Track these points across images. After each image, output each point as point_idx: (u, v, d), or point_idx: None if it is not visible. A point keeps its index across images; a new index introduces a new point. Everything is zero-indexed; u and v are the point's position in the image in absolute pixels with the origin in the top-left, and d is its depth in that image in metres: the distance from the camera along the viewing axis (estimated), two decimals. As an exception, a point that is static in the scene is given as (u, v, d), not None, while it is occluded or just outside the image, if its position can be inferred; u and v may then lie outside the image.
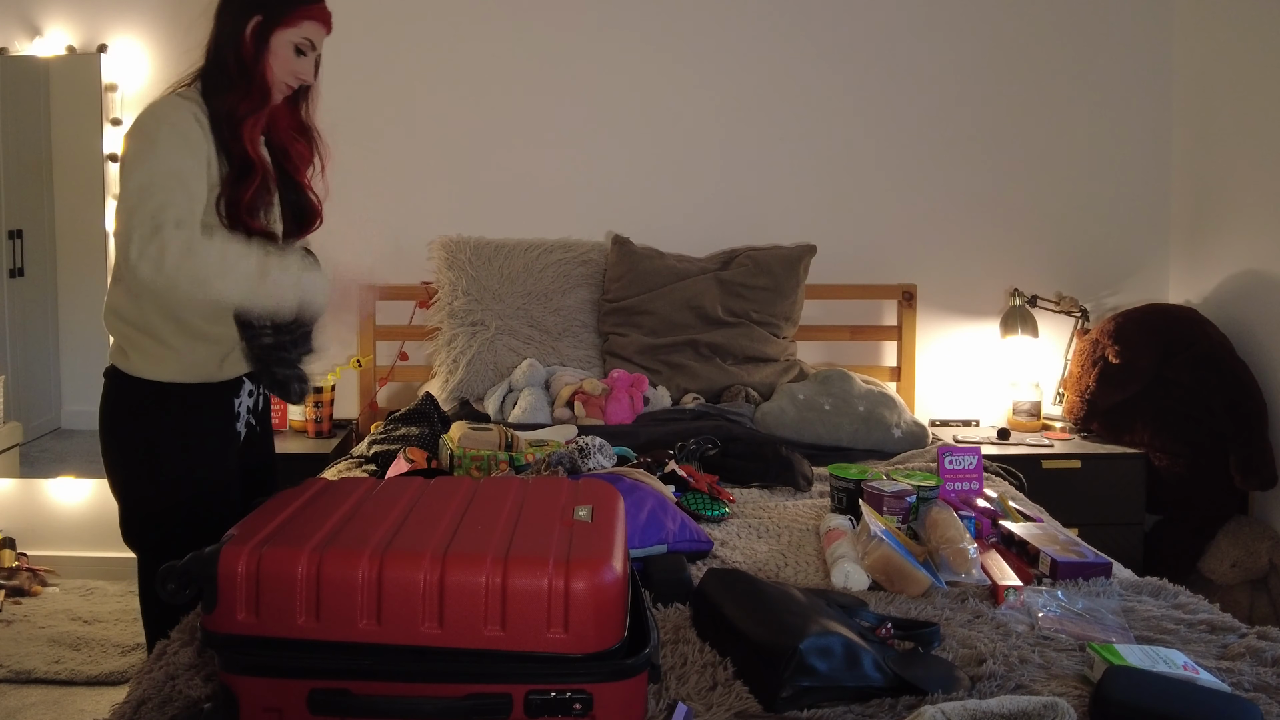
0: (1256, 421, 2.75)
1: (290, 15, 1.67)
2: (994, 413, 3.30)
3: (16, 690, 2.56)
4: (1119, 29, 3.23)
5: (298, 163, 1.82)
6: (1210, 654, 1.33)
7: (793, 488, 2.23)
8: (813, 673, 1.14)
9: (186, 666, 1.24)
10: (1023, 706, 1.04)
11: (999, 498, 1.94)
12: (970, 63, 3.25)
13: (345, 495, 1.28)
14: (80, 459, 3.36)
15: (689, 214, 3.29)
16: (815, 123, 3.27)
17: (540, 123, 3.26)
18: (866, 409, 2.71)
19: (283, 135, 1.78)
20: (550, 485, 1.35)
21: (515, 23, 3.23)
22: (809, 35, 3.25)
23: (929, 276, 3.29)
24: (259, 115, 1.67)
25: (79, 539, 3.36)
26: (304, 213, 1.84)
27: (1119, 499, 2.83)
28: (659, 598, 1.49)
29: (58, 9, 3.23)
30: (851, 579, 1.57)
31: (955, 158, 3.28)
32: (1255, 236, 2.89)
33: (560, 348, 3.08)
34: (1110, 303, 3.29)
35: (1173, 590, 1.57)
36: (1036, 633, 1.39)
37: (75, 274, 3.36)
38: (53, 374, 3.40)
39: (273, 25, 1.66)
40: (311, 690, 1.03)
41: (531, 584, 1.04)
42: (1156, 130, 3.26)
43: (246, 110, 1.64)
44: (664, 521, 1.69)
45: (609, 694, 1.04)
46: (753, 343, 3.00)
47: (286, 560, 1.05)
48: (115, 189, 3.24)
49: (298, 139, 1.81)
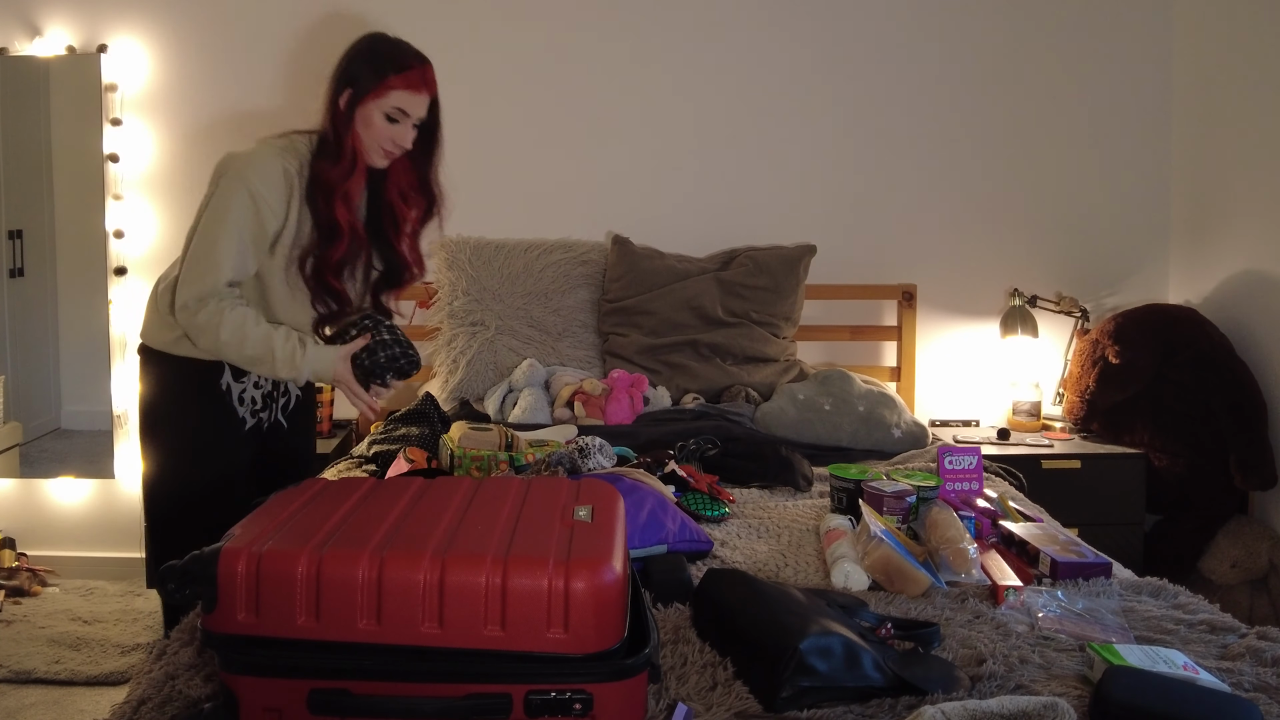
0: (1256, 421, 2.75)
1: (377, 87, 1.72)
2: (994, 413, 3.30)
3: (16, 690, 2.56)
4: (1119, 29, 3.23)
5: (399, 221, 1.87)
6: (1210, 654, 1.33)
7: (793, 488, 2.23)
8: (813, 673, 1.14)
9: (186, 666, 1.24)
10: (1023, 707, 1.04)
11: (999, 498, 1.94)
12: (970, 63, 3.25)
13: (345, 495, 1.28)
14: (80, 459, 3.36)
15: (689, 214, 3.29)
16: (815, 123, 3.27)
17: (540, 123, 3.26)
18: (866, 409, 2.71)
19: (391, 192, 1.85)
20: (550, 485, 1.35)
21: (515, 23, 3.24)
22: (809, 35, 3.25)
23: (929, 276, 3.29)
24: (350, 183, 1.74)
25: (79, 539, 3.36)
26: (395, 272, 1.92)
27: (1119, 499, 2.83)
28: (659, 598, 1.49)
29: (58, 9, 3.23)
30: (851, 579, 1.57)
31: (955, 158, 3.28)
32: (1255, 236, 2.89)
33: (560, 348, 3.08)
34: (1110, 303, 3.29)
35: (1173, 590, 1.57)
36: (1036, 633, 1.39)
37: (75, 274, 3.36)
38: (53, 374, 3.40)
39: (361, 96, 1.73)
40: (311, 690, 1.03)
41: (531, 584, 1.04)
42: (1156, 130, 3.26)
43: (337, 178, 1.73)
44: (664, 521, 1.69)
45: (609, 694, 1.04)
46: (753, 343, 3.00)
47: (286, 560, 1.05)
48: (115, 189, 3.25)
49: (408, 195, 1.86)
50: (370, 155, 1.77)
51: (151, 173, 3.28)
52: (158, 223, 3.29)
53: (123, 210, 3.26)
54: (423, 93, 1.76)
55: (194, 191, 3.24)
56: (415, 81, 1.75)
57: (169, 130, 3.27)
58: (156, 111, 3.26)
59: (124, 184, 3.26)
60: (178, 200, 3.28)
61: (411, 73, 1.74)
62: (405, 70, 1.74)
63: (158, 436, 1.84)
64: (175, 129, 3.27)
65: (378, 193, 1.86)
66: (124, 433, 3.29)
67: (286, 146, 1.76)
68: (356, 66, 1.74)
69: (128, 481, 3.31)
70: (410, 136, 1.78)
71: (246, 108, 3.25)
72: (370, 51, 1.76)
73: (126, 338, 3.27)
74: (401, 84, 1.73)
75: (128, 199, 3.26)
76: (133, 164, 3.26)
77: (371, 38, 1.79)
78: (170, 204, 3.28)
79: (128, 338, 3.27)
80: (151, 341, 1.85)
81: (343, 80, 1.74)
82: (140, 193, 3.28)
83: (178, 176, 3.28)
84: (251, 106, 3.25)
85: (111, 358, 3.26)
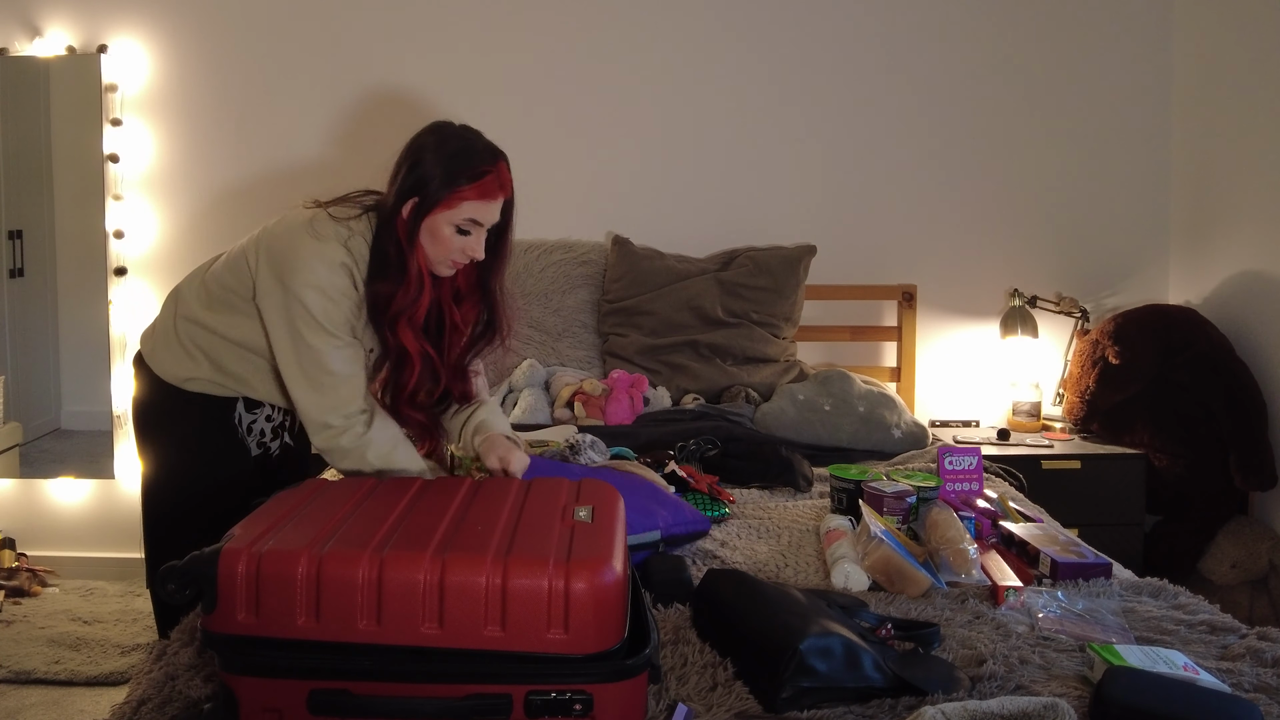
0: (1256, 422, 2.75)
1: (447, 198, 1.52)
2: (994, 413, 3.30)
3: (16, 691, 2.56)
4: (1119, 29, 3.23)
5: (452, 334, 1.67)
6: (1210, 654, 1.33)
7: (793, 488, 2.23)
8: (813, 673, 1.14)
9: (186, 667, 1.24)
10: (1023, 707, 1.04)
11: (999, 498, 1.94)
12: (970, 63, 3.25)
13: (345, 496, 1.27)
14: (80, 459, 3.36)
15: (689, 214, 3.29)
16: (815, 123, 3.27)
17: (540, 123, 3.26)
18: (866, 409, 2.71)
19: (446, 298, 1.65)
20: (550, 486, 1.35)
21: (515, 24, 3.23)
22: (809, 35, 3.25)
23: (929, 277, 3.29)
24: (417, 307, 1.57)
25: (79, 539, 3.36)
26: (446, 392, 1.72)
27: (1119, 499, 2.83)
28: (659, 598, 1.49)
29: (58, 9, 3.23)
30: (852, 579, 1.57)
31: (955, 158, 3.28)
32: (1255, 237, 2.89)
33: (560, 348, 3.08)
34: (1110, 303, 3.29)
35: (1173, 591, 1.57)
36: (1037, 633, 1.39)
37: (75, 274, 3.36)
38: (52, 374, 3.40)
39: (426, 210, 1.53)
40: (311, 690, 1.03)
41: (531, 584, 1.04)
42: (1156, 130, 3.25)
43: (403, 303, 1.55)
44: (655, 509, 1.69)
45: (609, 694, 1.04)
46: (753, 343, 3.00)
47: (286, 560, 1.05)
48: (115, 189, 3.24)
49: (462, 299, 1.67)
50: (436, 268, 1.60)
51: (151, 173, 3.28)
52: (158, 223, 3.29)
53: (123, 210, 3.26)
54: (498, 198, 1.57)
55: (194, 191, 3.27)
56: (490, 189, 1.55)
57: (169, 130, 3.27)
58: (156, 112, 3.26)
59: (124, 184, 3.26)
60: (178, 200, 3.28)
61: (487, 180, 1.54)
62: (480, 178, 1.53)
63: (156, 440, 1.78)
64: (175, 129, 3.27)
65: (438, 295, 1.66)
66: (124, 433, 3.29)
67: (345, 226, 1.56)
68: (423, 170, 1.53)
69: (128, 482, 3.31)
70: (482, 246, 1.58)
71: (247, 107, 3.25)
72: (439, 151, 1.54)
73: (126, 338, 3.27)
74: (475, 194, 1.53)
75: (128, 199, 3.26)
76: (133, 164, 3.26)
77: (440, 133, 1.58)
78: (170, 204, 3.28)
79: (127, 338, 3.27)
80: (161, 372, 1.72)
81: (406, 186, 1.54)
82: (140, 193, 3.28)
83: (178, 177, 3.28)
84: (251, 106, 3.25)
85: (111, 358, 3.26)
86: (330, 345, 1.55)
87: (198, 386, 1.72)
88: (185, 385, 1.72)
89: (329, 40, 3.22)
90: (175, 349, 1.71)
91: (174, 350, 1.72)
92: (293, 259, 1.53)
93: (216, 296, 1.68)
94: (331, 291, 1.53)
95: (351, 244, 1.56)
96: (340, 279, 1.54)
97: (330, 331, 1.55)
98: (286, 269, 1.53)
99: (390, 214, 1.56)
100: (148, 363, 1.76)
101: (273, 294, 1.55)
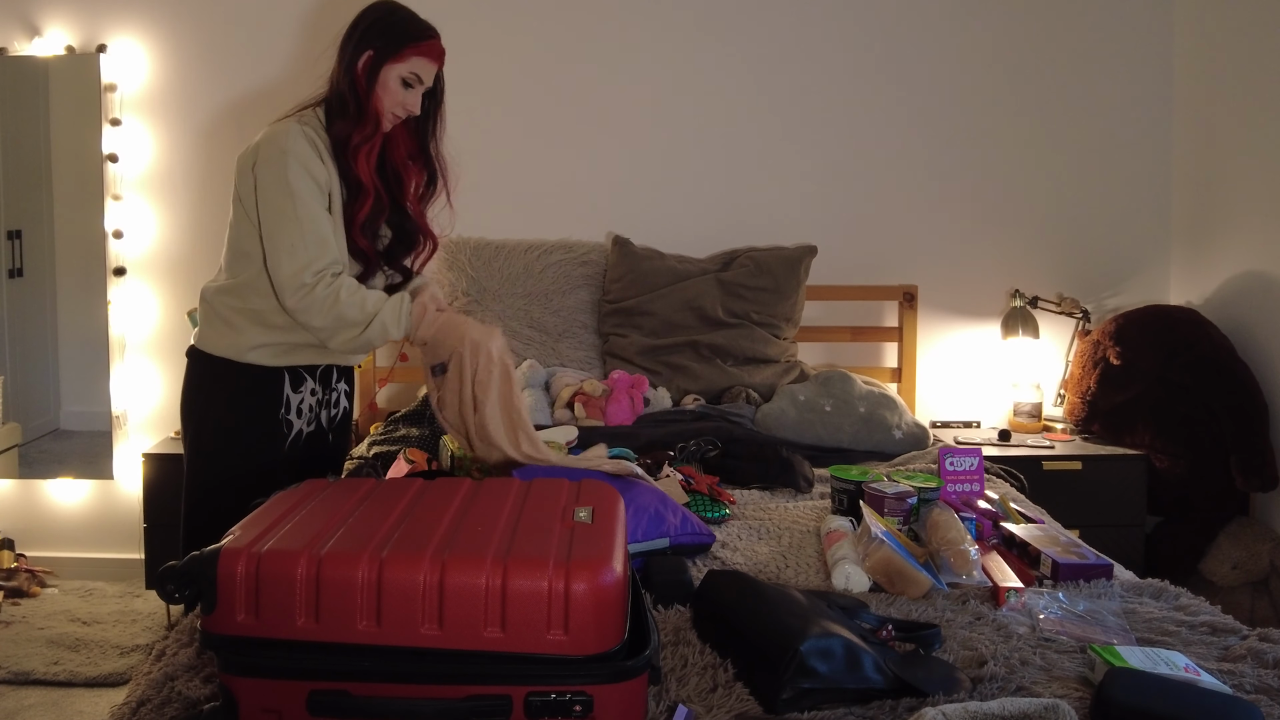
0: (1258, 423, 2.75)
1: (400, 52, 1.82)
2: (995, 414, 3.30)
3: (15, 691, 2.55)
4: (1119, 29, 3.23)
5: (407, 187, 1.95)
6: (1211, 656, 1.33)
7: (793, 489, 2.23)
8: (813, 674, 1.14)
9: (186, 667, 1.24)
10: (1024, 708, 1.04)
11: (1000, 499, 1.94)
12: (971, 63, 3.25)
13: (345, 496, 1.27)
14: (79, 460, 3.36)
15: (689, 214, 3.29)
16: (815, 123, 3.27)
17: (540, 123, 3.26)
18: (867, 410, 2.70)
19: (398, 161, 1.92)
20: (550, 486, 1.35)
21: (515, 23, 3.23)
22: (809, 35, 3.25)
23: (930, 277, 3.29)
24: (372, 143, 1.83)
25: (78, 540, 3.36)
26: (409, 236, 1.98)
27: (1120, 500, 2.83)
28: (659, 599, 1.49)
29: (57, 9, 3.23)
30: (852, 580, 1.57)
31: (956, 158, 3.28)
32: (1256, 237, 2.89)
33: (560, 348, 3.08)
34: (1111, 304, 3.29)
35: (1174, 592, 1.57)
36: (1038, 634, 1.38)
37: (75, 274, 3.36)
38: (52, 374, 3.40)
39: (382, 60, 1.81)
40: (311, 691, 1.03)
41: (531, 585, 1.03)
42: (1157, 130, 3.26)
43: (360, 139, 1.81)
44: (665, 516, 1.69)
45: (609, 696, 1.04)
46: (753, 344, 3.00)
47: (286, 561, 1.05)
48: (114, 189, 3.24)
49: (413, 164, 1.95)
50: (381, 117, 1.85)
51: (151, 173, 3.27)
52: (157, 223, 3.29)
53: (122, 210, 3.26)
54: (436, 62, 1.87)
55: (193, 191, 3.27)
56: (432, 50, 1.85)
57: (168, 130, 3.27)
58: (156, 111, 3.26)
59: (123, 184, 3.26)
60: (177, 200, 3.28)
61: (433, 42, 1.86)
62: (426, 39, 1.84)
63: (201, 425, 1.87)
64: (175, 129, 3.27)
65: (383, 159, 1.92)
66: (123, 433, 3.29)
67: (304, 121, 1.82)
68: (376, 31, 1.83)
69: (126, 482, 3.30)
70: (418, 103, 1.87)
71: (246, 107, 3.25)
72: (390, 18, 1.85)
73: (125, 338, 3.27)
74: (421, 52, 1.83)
75: (127, 199, 3.26)
76: (132, 164, 3.26)
77: (388, 5, 1.88)
78: (170, 204, 3.28)
79: (127, 338, 3.27)
80: (214, 348, 1.86)
81: (362, 44, 1.82)
82: (139, 193, 3.27)
83: (177, 176, 3.27)
84: (251, 106, 3.24)
85: (110, 358, 3.25)
86: (309, 190, 1.74)
87: (252, 355, 1.84)
88: (242, 357, 1.84)
89: (329, 40, 3.21)
90: (219, 324, 1.86)
91: (217, 326, 1.86)
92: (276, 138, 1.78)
93: (235, 252, 1.84)
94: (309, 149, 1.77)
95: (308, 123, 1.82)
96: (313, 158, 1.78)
97: (311, 175, 1.75)
98: (273, 144, 1.77)
99: (348, 66, 1.82)
100: (199, 346, 1.88)
101: (268, 162, 1.76)
